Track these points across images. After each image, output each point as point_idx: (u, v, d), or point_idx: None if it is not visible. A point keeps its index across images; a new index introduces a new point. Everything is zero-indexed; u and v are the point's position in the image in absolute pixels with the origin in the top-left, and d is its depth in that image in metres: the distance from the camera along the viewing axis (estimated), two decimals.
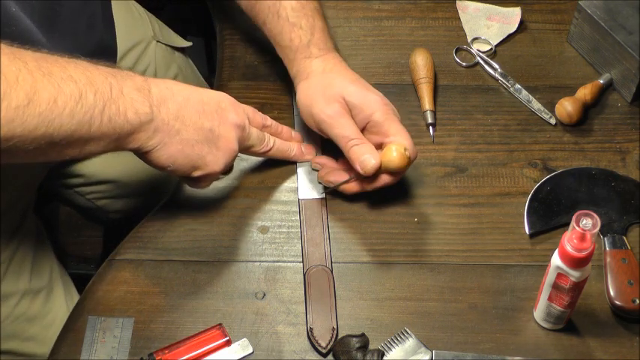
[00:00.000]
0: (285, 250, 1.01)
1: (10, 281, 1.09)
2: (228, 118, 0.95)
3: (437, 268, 1.00)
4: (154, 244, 1.01)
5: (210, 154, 0.94)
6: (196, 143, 0.92)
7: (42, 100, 0.78)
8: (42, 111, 0.78)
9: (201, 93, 0.95)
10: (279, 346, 0.93)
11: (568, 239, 0.84)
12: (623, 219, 1.03)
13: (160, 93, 0.90)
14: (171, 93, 0.92)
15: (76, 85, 0.81)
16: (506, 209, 1.05)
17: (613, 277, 0.96)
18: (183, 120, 0.91)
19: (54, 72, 0.81)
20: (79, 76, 0.82)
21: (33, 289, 1.12)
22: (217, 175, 0.97)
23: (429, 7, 1.27)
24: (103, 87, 0.84)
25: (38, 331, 1.14)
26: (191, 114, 0.92)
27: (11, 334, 1.11)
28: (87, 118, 0.82)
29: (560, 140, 1.11)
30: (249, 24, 1.14)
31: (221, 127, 0.94)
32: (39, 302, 1.13)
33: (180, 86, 0.94)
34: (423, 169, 1.08)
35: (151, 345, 0.93)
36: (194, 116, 0.92)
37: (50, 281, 1.15)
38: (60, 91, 0.80)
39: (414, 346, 0.92)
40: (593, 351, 0.93)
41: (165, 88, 0.91)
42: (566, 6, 1.26)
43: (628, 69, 1.13)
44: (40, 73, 0.79)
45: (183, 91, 0.93)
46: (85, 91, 0.82)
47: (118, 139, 0.87)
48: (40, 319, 1.13)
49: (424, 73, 1.14)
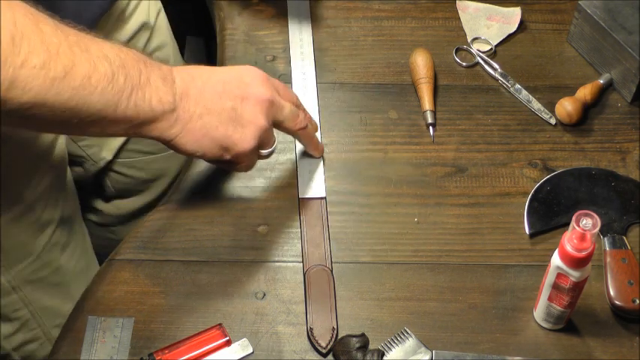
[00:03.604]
0: (285, 250, 1.01)
1: (50, 209, 1.10)
2: (251, 94, 0.93)
3: (437, 268, 1.00)
4: (154, 244, 1.01)
5: (236, 132, 0.92)
6: (220, 124, 0.91)
7: (77, 75, 0.79)
8: (76, 86, 0.79)
9: (221, 72, 0.94)
10: (279, 346, 0.93)
11: (568, 239, 0.84)
12: (623, 219, 1.03)
13: (183, 82, 0.90)
14: (192, 78, 0.91)
15: (110, 65, 0.82)
16: (506, 209, 1.05)
17: (613, 277, 0.96)
18: (204, 104, 0.90)
19: (91, 49, 0.81)
20: (113, 57, 0.83)
21: (64, 217, 1.13)
22: (254, 154, 0.96)
23: (429, 7, 1.27)
24: (133, 72, 0.84)
25: (66, 260, 1.15)
26: (211, 96, 0.91)
27: (46, 263, 1.12)
28: (115, 99, 0.83)
29: (560, 140, 1.12)
30: (249, 24, 1.14)
31: (244, 104, 0.92)
32: (67, 231, 1.14)
33: (200, 70, 0.93)
34: (423, 169, 1.08)
35: (151, 345, 0.93)
36: (214, 98, 0.91)
37: (73, 210, 1.16)
38: (95, 68, 0.80)
39: (414, 346, 0.92)
40: (593, 351, 0.93)
41: (187, 75, 0.91)
42: (566, 6, 1.26)
43: (628, 69, 1.13)
44: (79, 49, 0.80)
45: (203, 74, 0.92)
46: (117, 73, 0.82)
47: (139, 125, 0.87)
48: (67, 247, 1.15)
49: (424, 73, 1.14)
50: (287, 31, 1.22)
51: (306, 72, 1.17)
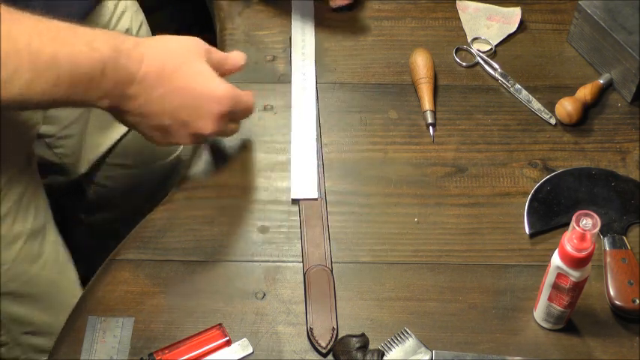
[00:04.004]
0: (285, 250, 1.01)
1: (19, 222, 1.10)
2: (196, 127, 0.94)
3: (437, 268, 1.00)
4: (154, 244, 1.01)
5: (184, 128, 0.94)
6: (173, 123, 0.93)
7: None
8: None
9: (186, 91, 0.93)
10: (279, 346, 0.93)
11: (568, 239, 0.84)
12: (623, 219, 1.03)
13: (148, 73, 0.90)
14: (154, 83, 0.91)
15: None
16: (506, 209, 1.05)
17: (613, 277, 0.96)
18: (162, 104, 0.92)
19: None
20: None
21: (35, 229, 1.13)
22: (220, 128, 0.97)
23: (429, 7, 1.27)
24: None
25: (37, 271, 1.14)
26: (159, 107, 0.92)
27: (15, 276, 1.12)
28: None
29: (560, 140, 1.12)
30: (249, 24, 1.14)
31: (182, 130, 0.95)
32: (38, 242, 1.14)
33: (165, 76, 0.92)
34: (423, 169, 1.08)
35: (151, 345, 0.93)
36: (160, 110, 0.92)
37: (45, 220, 1.16)
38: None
39: (414, 346, 0.92)
40: (593, 351, 0.93)
41: (153, 74, 0.91)
42: (566, 6, 1.26)
43: (628, 69, 1.13)
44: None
45: (167, 84, 0.92)
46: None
47: (116, 86, 0.88)
48: (38, 259, 1.14)
49: (424, 73, 1.15)
50: (287, 31, 1.22)
51: (307, 72, 1.17)
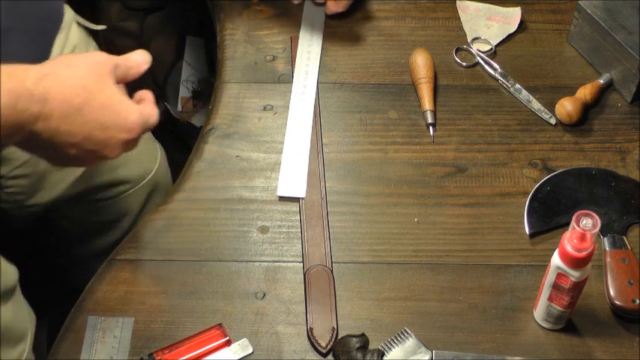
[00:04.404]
0: (285, 250, 1.01)
1: None
2: (101, 155, 0.88)
3: (437, 268, 1.00)
4: (154, 244, 1.01)
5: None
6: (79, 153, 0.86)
7: None
8: None
9: (97, 122, 0.86)
10: (279, 346, 0.93)
11: (568, 239, 0.84)
12: (623, 219, 1.03)
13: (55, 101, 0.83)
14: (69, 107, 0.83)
15: None
16: (506, 209, 1.05)
17: (613, 277, 0.96)
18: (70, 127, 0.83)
19: None
20: None
21: None
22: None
23: (429, 7, 1.27)
24: None
25: None
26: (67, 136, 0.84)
27: None
28: None
29: (560, 140, 1.12)
30: (249, 24, 1.14)
31: (106, 150, 0.87)
32: None
33: (75, 103, 0.85)
34: (423, 169, 1.08)
35: (151, 345, 0.93)
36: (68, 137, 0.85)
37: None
38: None
39: (414, 346, 0.92)
40: (593, 351, 0.93)
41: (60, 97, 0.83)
42: (566, 6, 1.26)
43: (628, 69, 1.13)
44: None
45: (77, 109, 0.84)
46: None
47: (19, 127, 0.80)
48: None
49: (424, 73, 1.15)
50: (287, 31, 1.22)
51: (309, 72, 1.17)
